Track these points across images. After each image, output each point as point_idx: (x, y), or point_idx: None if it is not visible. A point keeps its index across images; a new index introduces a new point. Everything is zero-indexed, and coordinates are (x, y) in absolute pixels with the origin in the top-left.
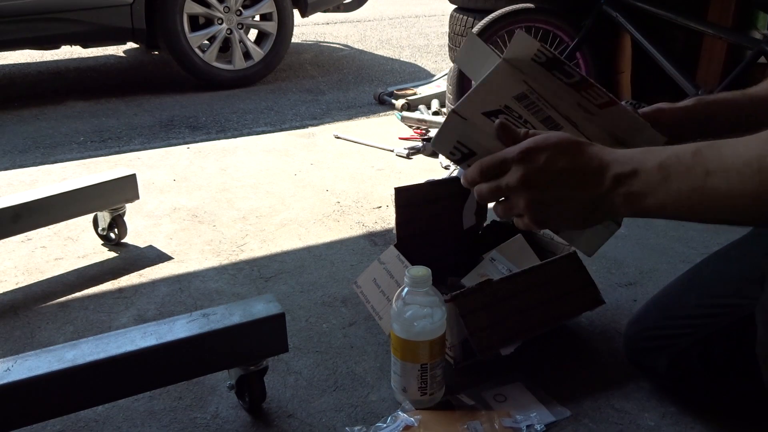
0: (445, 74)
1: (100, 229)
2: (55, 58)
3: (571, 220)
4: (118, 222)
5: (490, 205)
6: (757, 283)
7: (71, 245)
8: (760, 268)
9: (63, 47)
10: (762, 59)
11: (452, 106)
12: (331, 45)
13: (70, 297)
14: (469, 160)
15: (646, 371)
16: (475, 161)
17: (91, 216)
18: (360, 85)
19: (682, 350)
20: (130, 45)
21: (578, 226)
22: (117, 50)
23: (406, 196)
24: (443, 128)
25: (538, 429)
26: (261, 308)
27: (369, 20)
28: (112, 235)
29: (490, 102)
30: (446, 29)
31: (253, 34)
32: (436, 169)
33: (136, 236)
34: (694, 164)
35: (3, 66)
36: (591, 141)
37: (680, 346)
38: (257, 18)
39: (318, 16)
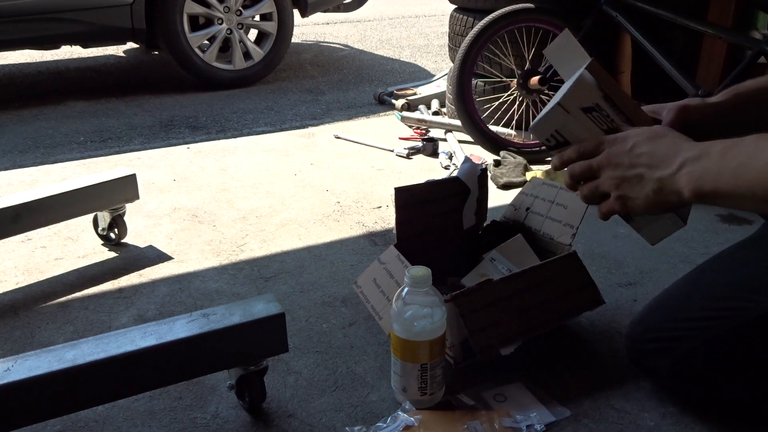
0: (445, 74)
1: (100, 229)
2: (55, 58)
3: (643, 199)
4: (118, 222)
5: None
6: (764, 287)
7: (71, 245)
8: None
9: (63, 47)
10: (762, 59)
11: (452, 106)
12: (331, 45)
13: (70, 297)
14: (561, 148)
15: (648, 372)
16: (564, 150)
17: (91, 216)
18: (360, 85)
19: (685, 353)
20: (130, 45)
21: (650, 205)
22: (117, 50)
23: (406, 196)
24: (546, 118)
25: (538, 429)
26: (261, 308)
27: (369, 20)
28: (112, 235)
29: (586, 99)
30: (446, 29)
31: (253, 34)
32: (436, 169)
33: (136, 236)
34: (756, 148)
35: (3, 66)
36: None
37: (683, 348)
38: (257, 18)
39: (318, 16)
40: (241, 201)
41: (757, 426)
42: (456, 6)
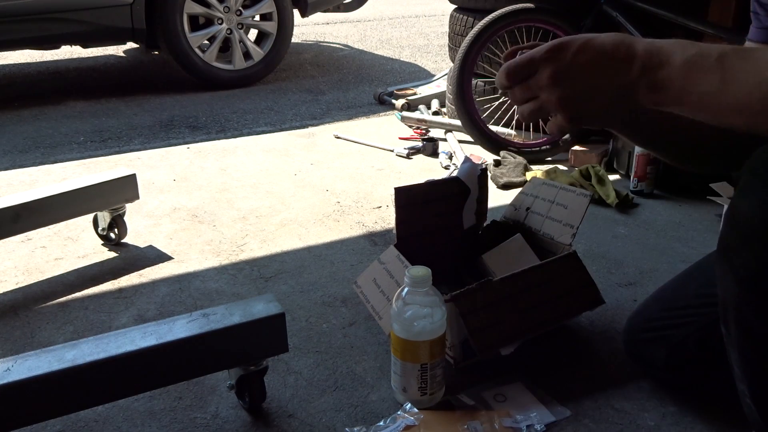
0: (445, 74)
1: (100, 229)
2: (55, 58)
3: (600, 109)
4: (118, 222)
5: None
6: None
7: (71, 245)
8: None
9: (63, 47)
10: None
11: (452, 106)
12: (331, 45)
13: (70, 297)
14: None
15: (645, 364)
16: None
17: (91, 216)
18: (360, 85)
19: (681, 340)
20: (130, 45)
21: (605, 115)
22: (117, 50)
23: (406, 196)
24: None
25: (538, 429)
26: (261, 308)
27: (369, 20)
28: (112, 235)
29: None
30: (446, 29)
31: (253, 34)
32: (436, 169)
33: (136, 236)
34: (716, 68)
35: (3, 66)
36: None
37: (679, 336)
38: (257, 18)
39: (318, 16)
40: (241, 201)
41: None
42: (456, 6)
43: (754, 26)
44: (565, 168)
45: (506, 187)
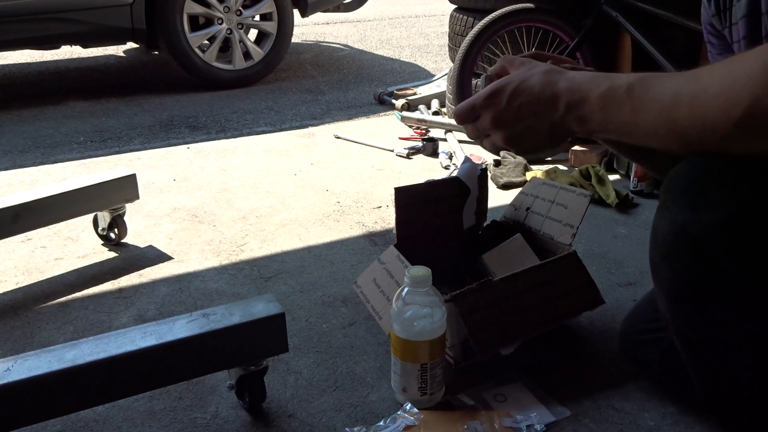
0: (445, 74)
1: (100, 229)
2: (55, 58)
3: (541, 142)
4: (118, 222)
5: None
6: None
7: (71, 245)
8: None
9: (63, 47)
10: None
11: (453, 106)
12: (331, 45)
13: (70, 297)
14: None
15: (640, 366)
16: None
17: (91, 216)
18: (360, 85)
19: (673, 342)
20: (130, 45)
21: (548, 146)
22: (117, 50)
23: (406, 196)
24: None
25: (538, 429)
26: (261, 308)
27: (369, 20)
28: (112, 235)
29: None
30: (446, 29)
31: (253, 34)
32: (436, 169)
33: (136, 236)
34: (626, 100)
35: (3, 66)
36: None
37: (671, 338)
38: (257, 18)
39: (318, 16)
40: (241, 201)
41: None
42: (456, 6)
43: (710, 51)
44: (565, 168)
45: (506, 187)
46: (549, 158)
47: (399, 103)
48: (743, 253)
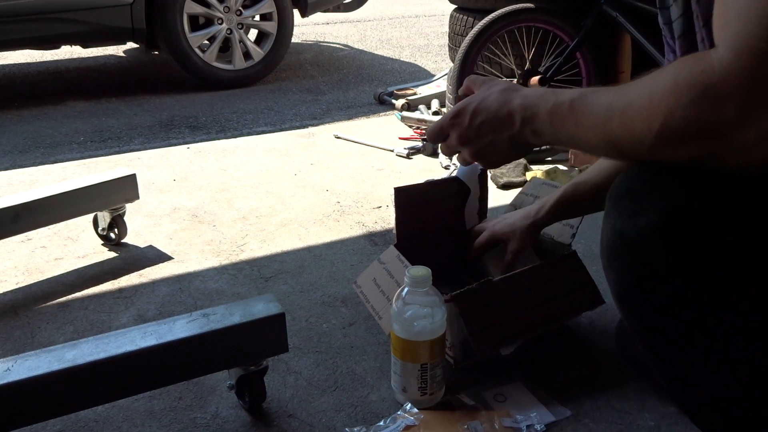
0: (445, 74)
1: (100, 229)
2: (55, 58)
3: (505, 155)
4: (118, 222)
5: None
6: None
7: (71, 245)
8: None
9: (63, 47)
10: None
11: (452, 106)
12: (331, 45)
13: (70, 297)
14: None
15: (636, 366)
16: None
17: (91, 216)
18: (360, 85)
19: None
20: (130, 45)
21: (512, 158)
22: (117, 50)
23: (406, 196)
24: None
25: (538, 429)
26: (261, 308)
27: (369, 20)
28: (112, 235)
29: None
30: (446, 29)
31: (253, 34)
32: (436, 169)
33: (136, 236)
34: (569, 114)
35: (3, 66)
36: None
37: None
38: (257, 18)
39: (318, 16)
40: (241, 201)
41: None
42: (456, 6)
43: (665, 58)
44: (565, 168)
45: (506, 187)
46: (549, 158)
47: (399, 103)
48: (675, 252)
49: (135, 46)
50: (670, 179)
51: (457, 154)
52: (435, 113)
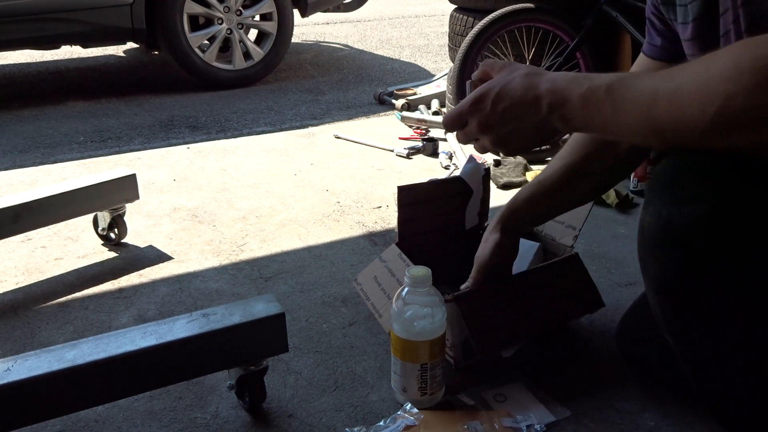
0: (445, 74)
1: (100, 229)
2: (55, 58)
3: (529, 143)
4: (118, 222)
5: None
6: None
7: (71, 245)
8: None
9: (63, 47)
10: None
11: (452, 106)
12: (331, 45)
13: (70, 297)
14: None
15: (639, 365)
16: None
17: (91, 216)
18: (360, 85)
19: None
20: (130, 45)
21: (535, 145)
22: (117, 50)
23: (408, 195)
24: None
25: (538, 429)
26: (261, 308)
27: (369, 20)
28: (112, 235)
29: None
30: (446, 29)
31: (253, 34)
32: (436, 169)
33: (136, 236)
34: (606, 100)
35: (3, 66)
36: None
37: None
38: (257, 18)
39: (318, 16)
40: (241, 201)
41: None
42: (456, 6)
43: (647, 41)
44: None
45: (506, 187)
46: (549, 158)
47: (399, 103)
48: (725, 244)
49: (135, 46)
50: (719, 166)
51: (474, 143)
52: (435, 113)
